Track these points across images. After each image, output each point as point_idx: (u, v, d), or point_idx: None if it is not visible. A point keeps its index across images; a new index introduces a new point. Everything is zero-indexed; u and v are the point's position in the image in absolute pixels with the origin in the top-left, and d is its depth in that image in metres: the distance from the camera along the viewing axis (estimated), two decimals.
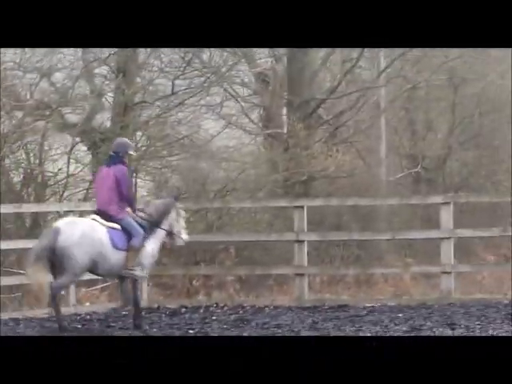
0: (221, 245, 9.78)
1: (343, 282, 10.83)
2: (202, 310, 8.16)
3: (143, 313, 7.75)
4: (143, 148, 10.85)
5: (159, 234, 7.40)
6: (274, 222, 10.59)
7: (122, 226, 7.11)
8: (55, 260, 6.98)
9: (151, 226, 7.33)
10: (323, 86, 12.87)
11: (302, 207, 8.87)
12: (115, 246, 7.03)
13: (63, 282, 7.17)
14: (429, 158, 13.70)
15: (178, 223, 7.46)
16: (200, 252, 9.85)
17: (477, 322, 7.42)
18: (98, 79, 10.90)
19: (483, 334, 6.78)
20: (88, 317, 8.39)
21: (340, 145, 12.01)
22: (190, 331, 7.37)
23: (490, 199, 11.36)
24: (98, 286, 9.43)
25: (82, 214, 8.36)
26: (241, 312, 8.56)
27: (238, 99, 11.72)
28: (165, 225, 7.38)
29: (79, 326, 7.85)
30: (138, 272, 7.23)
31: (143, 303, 8.65)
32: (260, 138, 11.91)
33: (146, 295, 9.00)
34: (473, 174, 14.15)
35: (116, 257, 7.08)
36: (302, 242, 8.75)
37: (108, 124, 10.78)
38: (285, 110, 12.11)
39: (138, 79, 10.91)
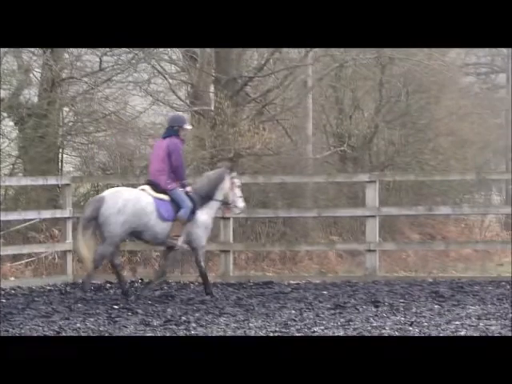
0: None
1: (268, 258, 11.17)
2: (127, 286, 8.16)
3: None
4: (70, 124, 11.09)
5: (212, 205, 7.74)
6: None
7: (170, 197, 7.46)
8: (99, 228, 7.41)
9: (203, 197, 7.62)
10: (251, 64, 13.25)
11: None
12: (161, 216, 7.40)
13: (104, 250, 7.51)
14: (355, 137, 14.06)
15: (233, 193, 7.77)
16: None
17: (401, 300, 7.70)
18: (26, 55, 10.96)
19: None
20: (13, 291, 8.45)
21: (267, 123, 12.41)
22: (115, 306, 7.48)
23: (416, 178, 11.53)
24: (23, 261, 9.60)
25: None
26: (166, 288, 8.72)
27: (166, 76, 12.00)
28: (218, 196, 7.69)
29: (4, 301, 7.75)
30: (179, 242, 7.54)
31: (67, 278, 9.06)
32: (187, 115, 11.78)
33: (71, 270, 9.21)
34: (399, 153, 14.47)
35: (161, 226, 7.45)
36: (228, 218, 9.05)
37: (35, 99, 11.00)
38: (212, 88, 12.46)
39: (66, 55, 11.05)
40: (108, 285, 8.86)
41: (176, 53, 12.42)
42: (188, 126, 8.02)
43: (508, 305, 7.40)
